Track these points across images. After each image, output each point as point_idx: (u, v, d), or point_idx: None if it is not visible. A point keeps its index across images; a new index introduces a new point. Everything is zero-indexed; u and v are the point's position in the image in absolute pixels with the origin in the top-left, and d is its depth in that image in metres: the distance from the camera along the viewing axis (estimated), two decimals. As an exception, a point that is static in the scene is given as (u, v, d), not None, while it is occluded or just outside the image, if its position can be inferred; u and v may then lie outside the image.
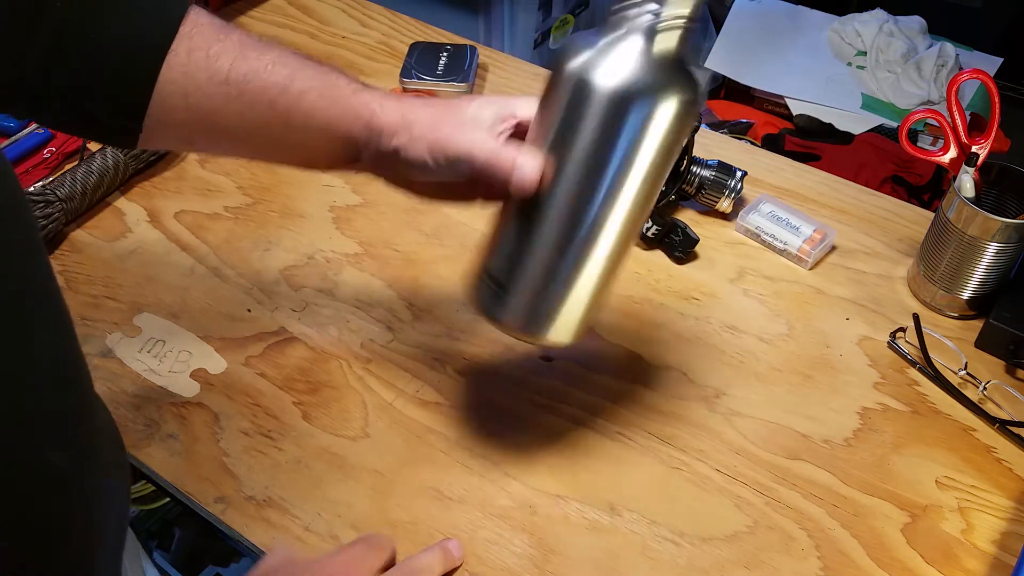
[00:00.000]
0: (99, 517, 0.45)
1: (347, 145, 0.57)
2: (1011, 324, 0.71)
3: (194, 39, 0.54)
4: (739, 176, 0.83)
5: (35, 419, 0.39)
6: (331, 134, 0.56)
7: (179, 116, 0.54)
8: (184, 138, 0.57)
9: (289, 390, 0.70)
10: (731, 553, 0.61)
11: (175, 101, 0.54)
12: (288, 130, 0.56)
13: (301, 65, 0.56)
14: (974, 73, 0.72)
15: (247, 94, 0.54)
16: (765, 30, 1.81)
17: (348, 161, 0.58)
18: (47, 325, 0.40)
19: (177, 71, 0.53)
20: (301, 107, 0.55)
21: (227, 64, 0.54)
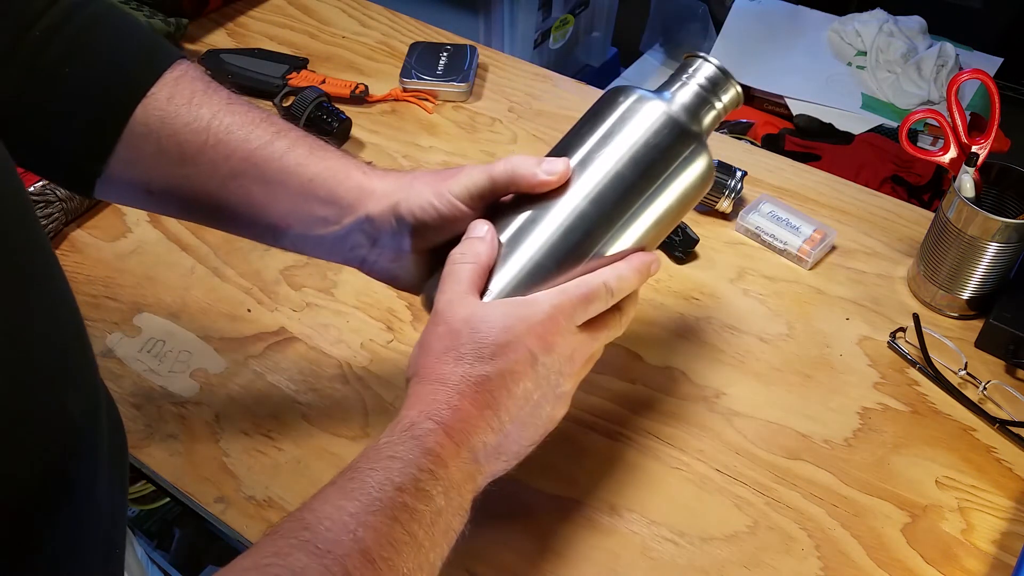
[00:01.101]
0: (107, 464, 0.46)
1: (328, 206, 0.53)
2: (1011, 324, 0.71)
3: (179, 86, 0.52)
4: (739, 176, 0.83)
5: (54, 364, 0.40)
6: (313, 190, 0.53)
7: (146, 163, 0.52)
8: (143, 188, 0.54)
9: (289, 390, 0.70)
10: (731, 553, 0.61)
11: (146, 146, 0.52)
12: (264, 185, 0.53)
13: (292, 128, 0.54)
14: (974, 73, 0.72)
15: (227, 144, 0.52)
16: (765, 30, 1.81)
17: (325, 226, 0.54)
18: (52, 278, 0.42)
19: (154, 114, 0.51)
20: (283, 161, 0.53)
21: (209, 114, 0.52)
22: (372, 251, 0.55)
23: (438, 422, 0.45)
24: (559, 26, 1.81)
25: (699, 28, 1.87)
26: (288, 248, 0.57)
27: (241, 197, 0.53)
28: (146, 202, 0.56)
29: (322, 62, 1.03)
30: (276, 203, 0.54)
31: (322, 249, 0.56)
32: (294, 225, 0.54)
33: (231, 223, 0.56)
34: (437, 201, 0.52)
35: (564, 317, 0.49)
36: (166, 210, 0.58)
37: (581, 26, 1.88)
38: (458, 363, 0.47)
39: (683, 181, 0.52)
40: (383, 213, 0.53)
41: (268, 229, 0.55)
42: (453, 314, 0.48)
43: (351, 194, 0.53)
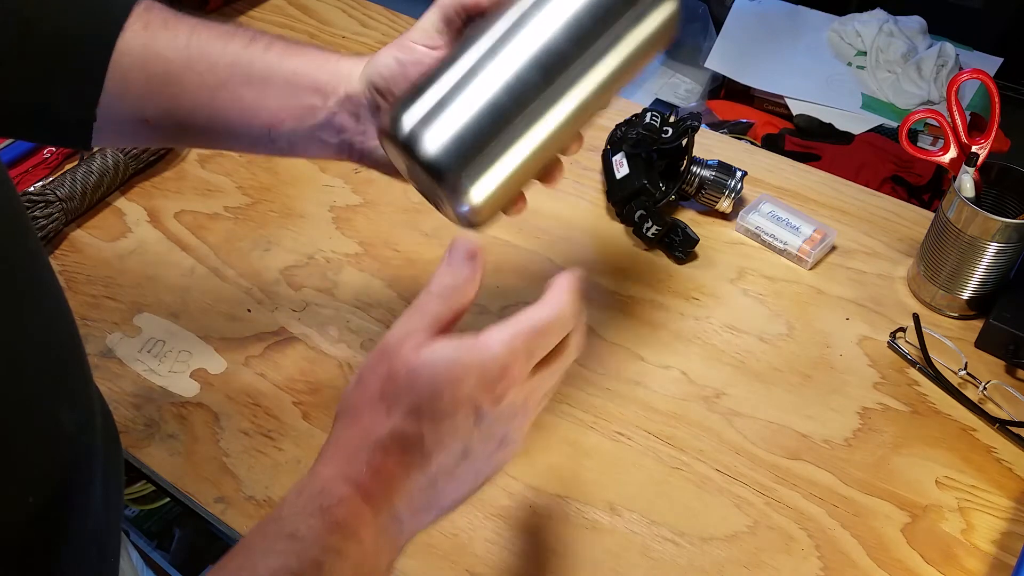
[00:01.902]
0: (101, 478, 0.46)
1: (313, 93, 0.55)
2: (1011, 324, 0.71)
3: (151, 14, 0.54)
4: (739, 176, 0.83)
5: (47, 379, 0.40)
6: (298, 81, 0.55)
7: (137, 89, 0.53)
8: (139, 119, 0.55)
9: (289, 390, 0.70)
10: (731, 553, 0.61)
11: (134, 74, 0.53)
12: (251, 86, 0.54)
13: (265, 33, 0.56)
14: (974, 73, 0.72)
15: (207, 54, 0.54)
16: (765, 30, 1.81)
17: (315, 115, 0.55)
18: (48, 289, 0.41)
19: (134, 43, 0.53)
20: (265, 58, 0.55)
21: (187, 32, 0.54)
22: (357, 129, 0.55)
23: (355, 485, 0.40)
24: None
25: (699, 28, 1.87)
26: (285, 151, 0.57)
27: (233, 103, 0.55)
28: (144, 133, 0.57)
29: (322, 62, 1.03)
30: (266, 101, 0.55)
31: (315, 142, 0.56)
32: (286, 119, 0.55)
33: (228, 134, 0.57)
34: (399, 52, 0.53)
35: (519, 363, 0.42)
36: (165, 138, 0.59)
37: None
38: (390, 415, 0.41)
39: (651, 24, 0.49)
40: (358, 87, 0.54)
41: (263, 130, 0.56)
42: (400, 357, 0.42)
43: (331, 78, 0.55)
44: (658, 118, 0.83)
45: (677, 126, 0.82)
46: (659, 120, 0.83)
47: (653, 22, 0.49)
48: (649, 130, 0.82)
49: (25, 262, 0.40)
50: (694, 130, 0.82)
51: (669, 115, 0.84)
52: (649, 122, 0.83)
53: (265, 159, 0.90)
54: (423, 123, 0.47)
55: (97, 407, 0.48)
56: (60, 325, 0.43)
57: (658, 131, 0.82)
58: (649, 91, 1.83)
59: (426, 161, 0.46)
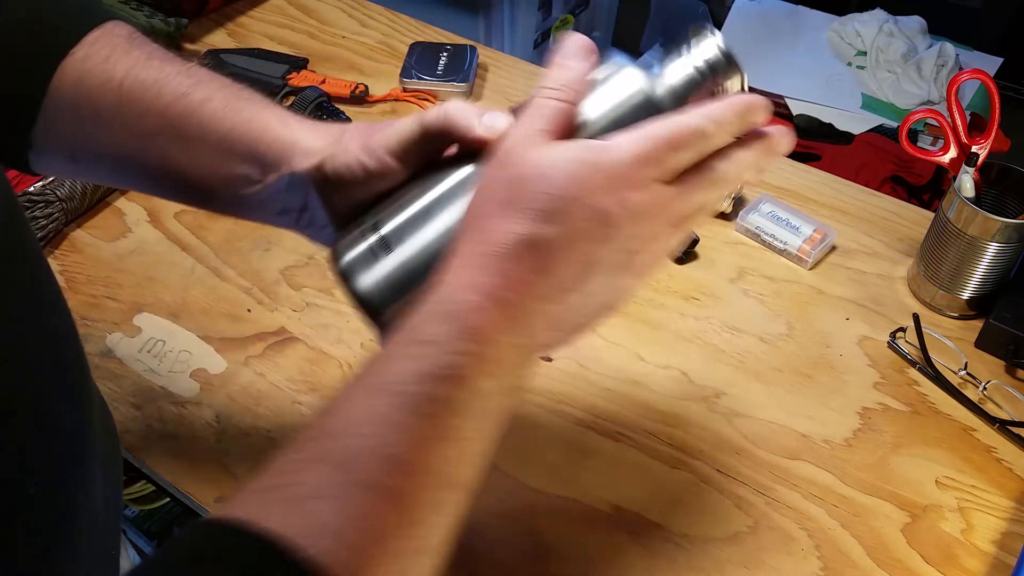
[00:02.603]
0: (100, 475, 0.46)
1: (250, 163, 0.49)
2: (1011, 324, 0.71)
3: (96, 46, 0.49)
4: (739, 176, 0.83)
5: (46, 375, 0.40)
6: (231, 146, 0.49)
7: (66, 128, 0.50)
8: (68, 156, 0.52)
9: (289, 390, 0.70)
10: (731, 553, 0.61)
11: (64, 111, 0.49)
12: (181, 144, 0.49)
13: (212, 79, 0.50)
14: (974, 73, 0.72)
15: (140, 102, 0.49)
16: (765, 30, 1.81)
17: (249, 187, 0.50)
18: (45, 286, 0.41)
19: (69, 77, 0.49)
20: (198, 116, 0.49)
21: (123, 70, 0.49)
22: (303, 214, 0.51)
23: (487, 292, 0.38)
24: (559, 26, 1.81)
25: (699, 28, 1.87)
26: (222, 211, 0.53)
27: (160, 158, 0.50)
28: (74, 172, 0.54)
29: (322, 62, 1.03)
30: (196, 162, 0.50)
31: (252, 211, 0.51)
32: (217, 186, 0.50)
33: (159, 186, 0.53)
34: (365, 157, 0.47)
35: (648, 167, 0.40)
36: (96, 178, 0.55)
37: (581, 26, 1.88)
38: (519, 219, 0.39)
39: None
40: (309, 172, 0.48)
41: (193, 190, 0.51)
42: (523, 157, 0.40)
43: (271, 150, 0.49)
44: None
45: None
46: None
47: None
48: (649, 130, 0.82)
49: (21, 259, 0.40)
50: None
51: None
52: (649, 122, 0.83)
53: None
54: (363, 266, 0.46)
55: (96, 405, 0.48)
56: (58, 323, 0.43)
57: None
58: (649, 91, 1.83)
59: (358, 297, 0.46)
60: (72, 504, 0.42)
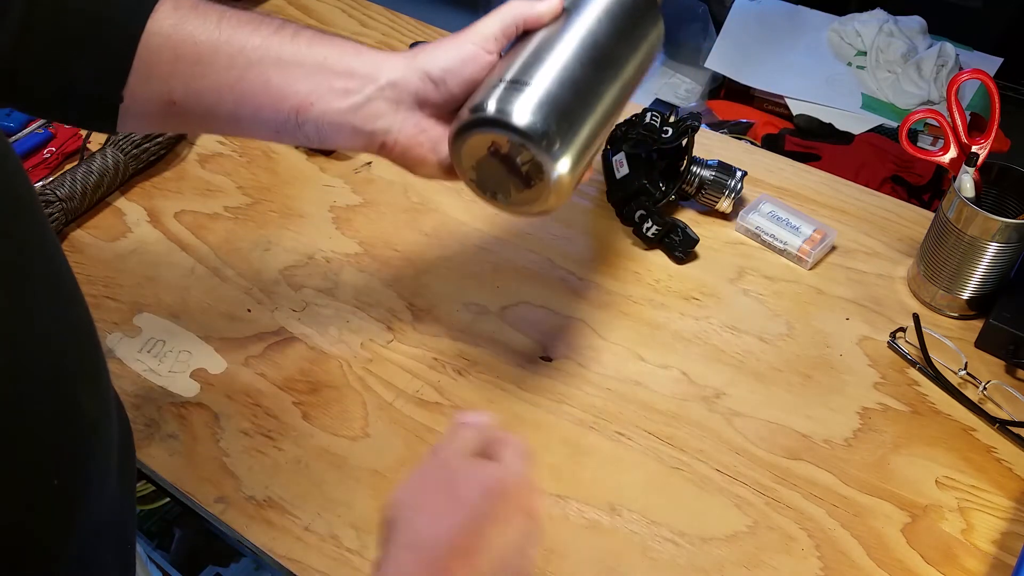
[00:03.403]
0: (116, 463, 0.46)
1: (347, 78, 0.55)
2: (1011, 324, 0.71)
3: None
4: (739, 176, 0.83)
5: (68, 362, 0.41)
6: (327, 66, 0.55)
7: (165, 69, 0.54)
8: (166, 100, 0.55)
9: (289, 390, 0.70)
10: (731, 553, 0.61)
11: (163, 54, 0.53)
12: (280, 69, 0.55)
13: (292, 23, 0.56)
14: (974, 73, 0.72)
15: (237, 39, 0.54)
16: (765, 30, 1.81)
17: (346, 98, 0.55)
18: (63, 274, 0.42)
19: (165, 23, 0.53)
20: (295, 43, 0.55)
21: (216, 16, 0.54)
22: (396, 119, 0.56)
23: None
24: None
25: (699, 28, 1.87)
26: (312, 139, 0.57)
27: (261, 85, 0.55)
28: (171, 116, 0.57)
29: (322, 62, 1.03)
30: (295, 83, 0.55)
31: (345, 128, 0.56)
32: (316, 102, 0.55)
33: (254, 118, 0.57)
34: (459, 51, 0.55)
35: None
36: (192, 121, 0.58)
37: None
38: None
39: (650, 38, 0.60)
40: (406, 74, 0.55)
41: (291, 114, 0.56)
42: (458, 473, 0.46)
43: (367, 66, 0.55)
44: (658, 118, 0.83)
45: (677, 126, 0.82)
46: (659, 120, 0.83)
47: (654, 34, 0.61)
48: (649, 130, 0.82)
49: (41, 249, 0.40)
50: (694, 130, 0.82)
51: (669, 115, 0.84)
52: (649, 122, 0.83)
53: (265, 159, 0.90)
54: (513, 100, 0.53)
55: (112, 394, 0.48)
56: (76, 312, 0.44)
57: (658, 131, 0.82)
58: (649, 91, 1.83)
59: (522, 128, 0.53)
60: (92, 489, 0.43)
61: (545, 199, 0.56)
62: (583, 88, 0.55)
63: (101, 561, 0.44)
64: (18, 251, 0.37)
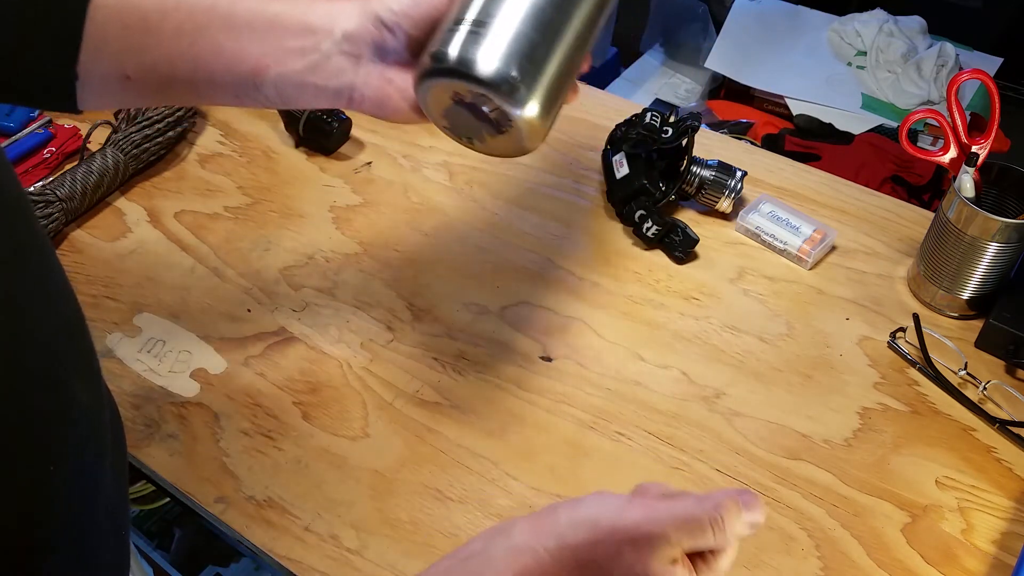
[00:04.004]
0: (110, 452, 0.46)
1: (302, 35, 0.52)
2: (1011, 324, 0.71)
3: None
4: (739, 176, 0.83)
5: (62, 352, 0.40)
6: (283, 23, 0.52)
7: (115, 43, 0.51)
8: (120, 75, 0.53)
9: (289, 390, 0.70)
10: (731, 553, 0.61)
11: (111, 27, 0.51)
12: (231, 33, 0.52)
13: None
14: (974, 73, 0.72)
15: (184, 4, 0.51)
16: (765, 30, 1.81)
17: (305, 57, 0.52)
18: (54, 268, 0.42)
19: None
20: (244, 4, 0.52)
21: None
22: (359, 73, 0.53)
23: None
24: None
25: (699, 28, 1.87)
26: (275, 101, 0.55)
27: (213, 51, 0.52)
28: (129, 91, 0.54)
29: (322, 62, 1.03)
30: (248, 46, 0.52)
31: (307, 87, 0.53)
32: (272, 64, 0.52)
33: (212, 85, 0.54)
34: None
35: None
36: (150, 94, 0.56)
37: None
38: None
39: None
40: (360, 24, 0.51)
41: (247, 78, 0.53)
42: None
43: (321, 18, 0.52)
44: (658, 118, 0.83)
45: (677, 126, 0.82)
46: (659, 120, 0.83)
47: None
48: (649, 130, 0.82)
49: (32, 247, 0.40)
50: (694, 130, 0.82)
51: (669, 115, 0.84)
52: (649, 122, 0.83)
53: (265, 159, 0.90)
54: (472, 47, 0.49)
55: (104, 389, 0.48)
56: (68, 308, 0.44)
57: (658, 131, 0.82)
58: (649, 91, 1.83)
59: (484, 79, 0.49)
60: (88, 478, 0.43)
61: (520, 142, 0.53)
62: (549, 22, 0.51)
63: (95, 556, 0.44)
64: (6, 246, 0.37)
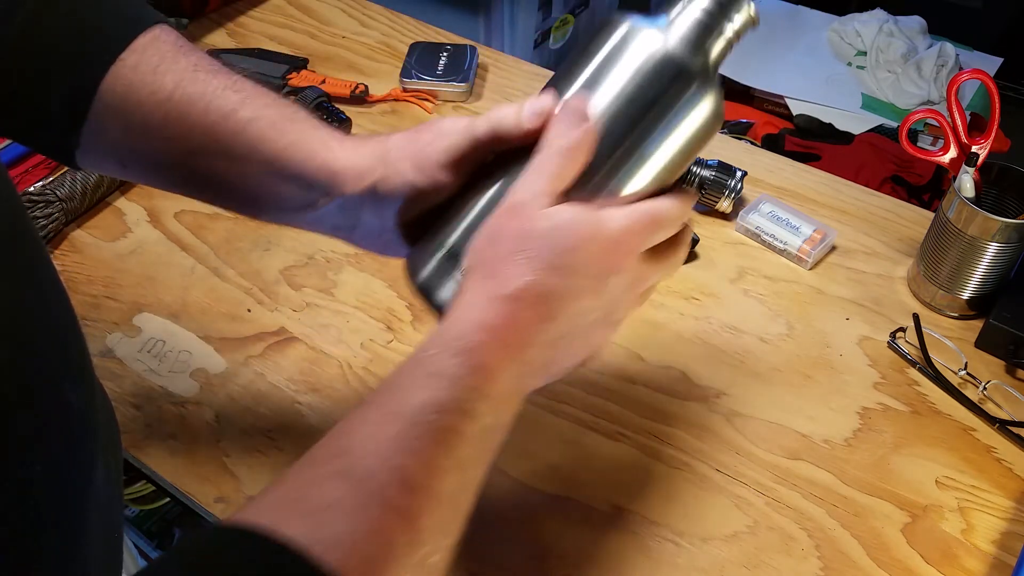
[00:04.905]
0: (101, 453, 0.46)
1: (298, 186, 0.50)
2: (1011, 324, 0.71)
3: (146, 53, 0.50)
4: (739, 176, 0.83)
5: (51, 355, 0.40)
6: (278, 170, 0.50)
7: (114, 134, 0.50)
8: (116, 160, 0.53)
9: (289, 390, 0.70)
10: (731, 553, 0.61)
11: (113, 117, 0.50)
12: (228, 162, 0.50)
13: (259, 95, 0.51)
14: (974, 73, 0.72)
15: (188, 117, 0.49)
16: (765, 30, 1.81)
17: (299, 208, 0.52)
18: (45, 270, 0.42)
19: (120, 83, 0.49)
20: (245, 135, 0.50)
21: (172, 82, 0.49)
22: (354, 232, 0.53)
23: (493, 332, 0.41)
24: (559, 26, 1.81)
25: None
26: (268, 220, 0.56)
27: (208, 171, 0.51)
28: (122, 175, 0.55)
29: (322, 62, 1.03)
30: (244, 180, 0.51)
31: (304, 227, 0.54)
32: (268, 203, 0.52)
33: (209, 197, 0.54)
34: (417, 176, 0.48)
35: (636, 238, 0.45)
36: (146, 182, 0.56)
37: (581, 26, 1.88)
38: (528, 268, 0.42)
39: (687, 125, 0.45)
40: (360, 194, 0.50)
41: (244, 204, 0.53)
42: (533, 212, 0.43)
43: (320, 175, 0.50)
44: (658, 118, 0.83)
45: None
46: (659, 120, 0.83)
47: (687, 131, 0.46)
48: (649, 130, 0.82)
49: (23, 249, 0.40)
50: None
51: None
52: (649, 122, 0.83)
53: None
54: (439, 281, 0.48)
55: (98, 390, 0.48)
56: (60, 309, 0.44)
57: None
58: (649, 91, 1.83)
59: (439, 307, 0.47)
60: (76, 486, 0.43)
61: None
62: None
63: (88, 555, 0.44)
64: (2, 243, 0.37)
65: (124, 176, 0.56)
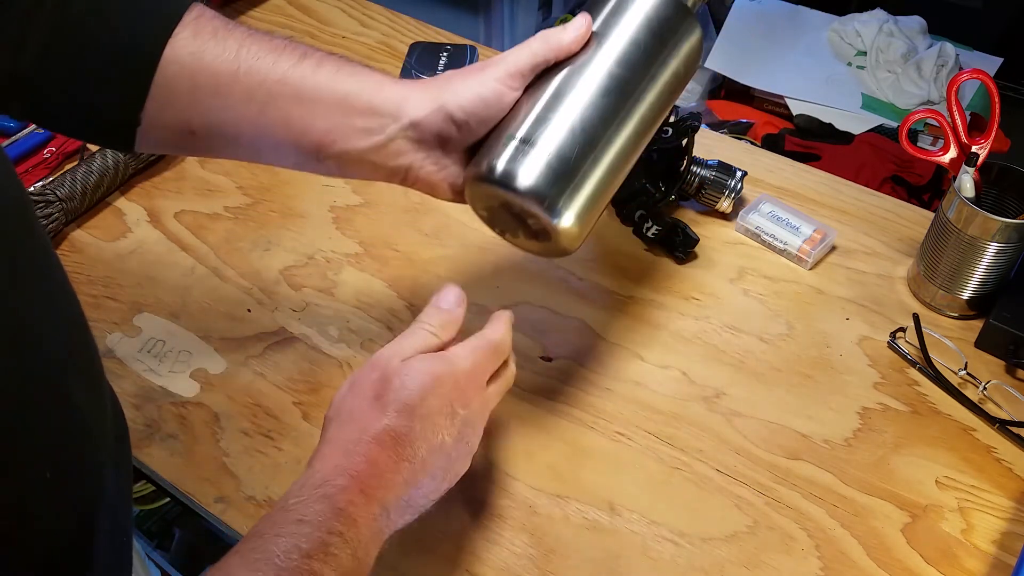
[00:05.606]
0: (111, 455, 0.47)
1: (368, 116, 0.54)
2: (1011, 324, 0.71)
3: (200, 23, 0.53)
4: (739, 176, 0.83)
5: (59, 357, 0.41)
6: (352, 104, 0.54)
7: (183, 98, 0.53)
8: (184, 128, 0.55)
9: (289, 390, 0.70)
10: (731, 553, 0.61)
11: (181, 83, 0.52)
12: (299, 104, 0.53)
13: (315, 50, 0.55)
14: (974, 73, 0.72)
15: (257, 71, 0.53)
16: (765, 30, 1.81)
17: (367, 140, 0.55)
18: (54, 273, 0.43)
19: (183, 51, 0.52)
20: (316, 77, 0.54)
21: (236, 44, 0.53)
22: (417, 156, 0.56)
23: (353, 476, 0.46)
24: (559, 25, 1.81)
25: None
26: (332, 172, 0.57)
27: (281, 120, 0.54)
28: (190, 143, 0.56)
29: (322, 62, 1.03)
30: (316, 121, 0.54)
31: (366, 164, 0.56)
32: (337, 140, 0.54)
33: (275, 151, 0.56)
34: (483, 90, 0.54)
35: (480, 372, 0.53)
36: (210, 149, 0.58)
37: (581, 26, 1.88)
38: (384, 413, 0.48)
39: (685, 51, 0.58)
40: (429, 115, 0.54)
41: (311, 150, 0.55)
42: (392, 367, 0.50)
43: (389, 104, 0.54)
44: (658, 118, 0.83)
45: (677, 126, 0.82)
46: (659, 120, 0.83)
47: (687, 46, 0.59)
48: (649, 130, 0.82)
49: (32, 247, 0.41)
50: (694, 130, 0.82)
51: (669, 115, 0.84)
52: (649, 122, 0.83)
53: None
54: (516, 163, 0.54)
55: (106, 388, 0.48)
56: (68, 308, 0.44)
57: (658, 131, 0.82)
58: (649, 91, 1.83)
59: (525, 193, 0.53)
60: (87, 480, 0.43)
61: (556, 249, 0.57)
62: (595, 141, 0.55)
63: (97, 555, 0.44)
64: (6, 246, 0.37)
65: (191, 146, 0.57)
